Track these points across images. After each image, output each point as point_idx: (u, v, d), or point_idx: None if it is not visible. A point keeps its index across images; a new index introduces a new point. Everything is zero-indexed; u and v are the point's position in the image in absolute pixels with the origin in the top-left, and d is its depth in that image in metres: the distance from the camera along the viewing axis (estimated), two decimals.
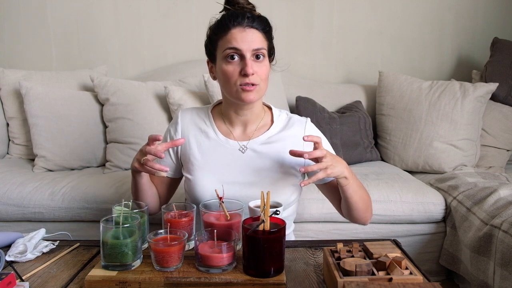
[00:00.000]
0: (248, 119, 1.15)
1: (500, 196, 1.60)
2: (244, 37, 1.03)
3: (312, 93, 2.32)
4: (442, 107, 2.13)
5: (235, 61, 1.04)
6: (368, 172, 1.99)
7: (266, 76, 1.07)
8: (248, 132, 1.16)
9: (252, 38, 1.04)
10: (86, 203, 1.70)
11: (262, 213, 0.87)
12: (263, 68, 1.06)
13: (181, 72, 2.39)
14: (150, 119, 2.08)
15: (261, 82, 1.06)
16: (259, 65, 1.05)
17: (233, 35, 1.04)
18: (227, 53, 1.04)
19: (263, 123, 1.17)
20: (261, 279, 0.84)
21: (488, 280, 1.44)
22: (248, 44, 1.03)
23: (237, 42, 1.03)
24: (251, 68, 1.02)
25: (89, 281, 0.85)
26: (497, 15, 2.67)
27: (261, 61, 1.06)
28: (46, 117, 2.01)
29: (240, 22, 1.04)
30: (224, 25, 1.06)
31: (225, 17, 1.06)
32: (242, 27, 1.04)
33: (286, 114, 1.20)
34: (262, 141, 1.14)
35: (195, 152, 1.14)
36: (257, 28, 1.05)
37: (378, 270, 0.79)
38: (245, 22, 1.04)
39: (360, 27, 2.64)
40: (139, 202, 1.04)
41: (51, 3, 2.49)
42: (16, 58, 2.52)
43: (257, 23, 1.05)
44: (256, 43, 1.04)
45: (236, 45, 1.03)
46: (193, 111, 1.21)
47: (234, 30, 1.04)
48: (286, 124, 1.18)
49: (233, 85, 1.05)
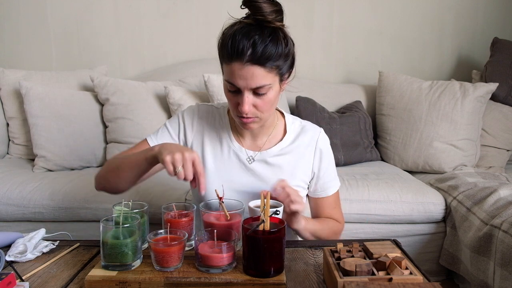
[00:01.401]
0: (258, 132, 1.12)
1: (500, 196, 1.60)
2: (244, 74, 0.94)
3: (312, 93, 2.32)
4: (442, 107, 2.13)
5: (235, 92, 0.99)
6: (368, 172, 1.99)
7: (268, 107, 1.01)
8: (258, 143, 1.14)
9: (252, 75, 0.94)
10: (86, 203, 1.70)
11: (262, 213, 0.87)
12: (265, 101, 0.99)
13: (181, 72, 2.40)
14: (150, 119, 2.08)
15: (262, 113, 1.01)
16: (260, 99, 0.98)
17: (232, 69, 0.95)
18: (227, 83, 0.99)
19: (275, 132, 1.14)
20: (261, 279, 0.84)
21: (488, 280, 1.44)
22: (247, 82, 0.95)
23: (235, 79, 0.96)
24: (246, 106, 0.97)
25: (89, 281, 0.85)
26: (497, 15, 2.67)
27: (263, 95, 0.98)
28: (46, 117, 2.01)
29: (241, 57, 0.93)
30: (226, 52, 0.96)
31: (228, 44, 0.95)
32: (242, 63, 0.93)
33: (300, 122, 1.18)
34: (275, 153, 1.13)
35: (208, 155, 1.12)
36: (260, 64, 0.94)
37: (378, 270, 0.79)
38: (246, 57, 0.93)
39: (360, 27, 2.64)
40: (139, 202, 1.03)
41: (51, 3, 2.49)
42: (16, 58, 2.52)
43: (261, 58, 0.93)
44: (256, 81, 0.95)
45: (234, 82, 0.96)
46: (211, 109, 1.17)
47: (234, 64, 0.95)
48: (299, 133, 1.15)
49: (232, 111, 1.03)
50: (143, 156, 1.00)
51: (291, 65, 1.02)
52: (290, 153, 1.13)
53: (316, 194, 1.17)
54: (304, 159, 1.14)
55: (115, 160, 1.09)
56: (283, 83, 1.03)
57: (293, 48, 1.01)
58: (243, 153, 1.12)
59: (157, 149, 0.96)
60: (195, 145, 1.14)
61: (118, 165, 1.06)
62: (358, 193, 1.75)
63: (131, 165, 1.03)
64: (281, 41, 0.96)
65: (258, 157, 1.12)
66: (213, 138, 1.14)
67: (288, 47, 0.98)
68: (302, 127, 1.17)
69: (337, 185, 1.19)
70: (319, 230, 1.11)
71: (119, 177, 1.05)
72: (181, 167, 0.91)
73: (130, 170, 1.03)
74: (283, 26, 0.98)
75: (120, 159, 1.08)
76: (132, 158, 1.03)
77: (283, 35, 0.98)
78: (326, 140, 1.18)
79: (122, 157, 1.09)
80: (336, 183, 1.19)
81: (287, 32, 1.00)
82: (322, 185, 1.16)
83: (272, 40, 0.95)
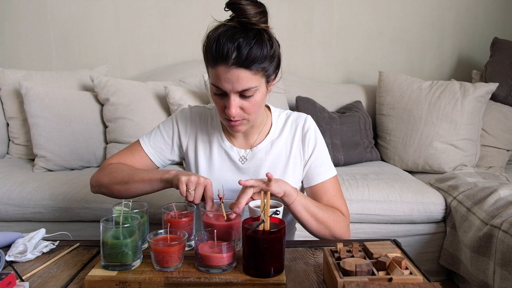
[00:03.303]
0: (249, 131, 1.13)
1: (500, 196, 1.60)
2: (229, 78, 0.94)
3: (312, 93, 2.32)
4: (442, 107, 2.13)
5: (221, 95, 0.99)
6: (368, 172, 1.99)
7: (256, 109, 1.01)
8: (250, 141, 1.14)
9: (238, 78, 0.94)
10: (86, 203, 1.70)
11: (262, 213, 0.87)
12: (252, 103, 0.99)
13: (181, 72, 2.40)
14: (150, 119, 2.08)
15: (249, 115, 1.01)
16: (247, 102, 0.99)
17: (218, 73, 0.95)
18: (213, 86, 0.99)
19: (265, 129, 1.15)
20: (261, 279, 0.84)
21: (488, 280, 1.44)
22: (232, 85, 0.95)
23: (221, 82, 0.95)
24: (233, 109, 0.97)
25: (89, 281, 0.85)
26: (497, 15, 2.67)
27: (249, 97, 0.98)
28: (46, 117, 2.01)
29: (225, 60, 0.93)
30: (210, 56, 0.96)
31: (213, 48, 0.95)
32: (227, 66, 0.93)
33: (286, 113, 1.19)
34: (264, 147, 1.14)
35: (201, 156, 1.14)
36: (245, 67, 0.94)
37: (378, 270, 0.79)
38: (231, 61, 0.93)
39: (360, 27, 2.64)
40: (139, 202, 1.03)
41: (51, 3, 2.49)
42: (16, 58, 2.52)
43: (247, 61, 0.93)
44: (242, 84, 0.95)
45: (220, 85, 0.96)
46: (203, 110, 1.18)
47: (219, 68, 0.94)
48: (284, 124, 1.16)
49: (220, 114, 1.03)
50: (158, 177, 1.04)
51: (277, 66, 1.02)
52: (279, 145, 1.13)
53: (311, 181, 1.14)
54: (293, 149, 1.13)
55: (122, 173, 1.09)
56: (269, 85, 1.03)
57: (278, 49, 1.01)
58: (234, 153, 1.13)
59: (174, 173, 1.01)
60: (189, 148, 1.16)
61: (127, 180, 1.07)
62: (358, 193, 1.75)
63: (143, 182, 1.06)
64: (266, 42, 0.96)
65: (250, 155, 1.13)
66: (205, 139, 1.15)
67: (274, 48, 0.98)
68: (287, 117, 1.17)
69: (332, 171, 1.15)
70: (314, 207, 1.06)
71: (127, 191, 1.08)
72: (193, 189, 0.96)
73: (141, 187, 1.06)
74: (267, 27, 0.99)
75: (128, 173, 1.08)
76: (144, 175, 1.06)
77: (268, 36, 0.98)
78: (313, 125, 1.16)
79: (129, 171, 1.09)
80: (331, 169, 1.15)
81: (272, 33, 1.00)
82: (314, 169, 1.14)
83: (257, 42, 0.94)
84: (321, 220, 1.06)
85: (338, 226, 1.08)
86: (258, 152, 1.13)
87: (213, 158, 1.14)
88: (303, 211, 1.04)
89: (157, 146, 1.16)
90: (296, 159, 1.14)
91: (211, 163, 1.14)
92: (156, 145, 1.16)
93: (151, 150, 1.15)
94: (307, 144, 1.14)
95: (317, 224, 1.06)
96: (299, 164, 1.14)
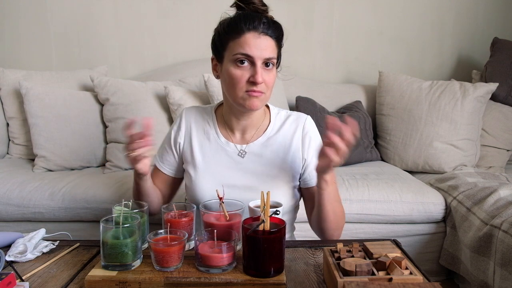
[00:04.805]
0: (248, 124, 1.14)
1: (500, 196, 1.60)
2: (258, 44, 0.99)
3: (312, 93, 2.32)
4: (442, 107, 2.13)
5: (245, 66, 1.01)
6: (368, 172, 1.99)
7: (272, 84, 1.05)
8: (247, 137, 1.15)
9: (266, 45, 1.00)
10: (86, 203, 1.70)
11: (262, 213, 0.87)
12: (271, 76, 1.03)
13: (181, 72, 2.40)
14: None
15: (267, 90, 1.04)
16: (268, 74, 1.02)
17: (246, 40, 0.99)
18: (238, 57, 1.00)
19: (263, 125, 1.16)
20: (261, 279, 0.84)
21: (488, 280, 1.44)
22: (261, 51, 0.99)
23: (250, 48, 0.99)
24: (261, 77, 1.00)
25: (89, 281, 0.85)
26: (497, 15, 2.67)
27: (270, 69, 1.03)
28: (46, 117, 2.01)
29: (256, 27, 0.99)
30: (238, 26, 1.00)
31: (240, 18, 1.01)
32: (258, 32, 1.00)
33: (285, 112, 1.19)
34: (261, 143, 1.14)
35: (197, 153, 1.15)
36: (271, 36, 1.01)
37: (378, 270, 0.79)
38: (261, 28, 1.00)
39: (360, 27, 2.64)
40: (139, 202, 1.03)
41: (51, 3, 2.49)
42: (16, 58, 2.52)
43: (272, 31, 1.01)
44: (269, 52, 1.01)
45: (248, 52, 0.99)
46: (198, 110, 1.20)
47: (248, 35, 0.99)
48: (283, 121, 1.16)
49: (239, 90, 1.02)
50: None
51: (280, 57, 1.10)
52: (277, 142, 1.14)
53: (309, 183, 1.14)
54: (292, 147, 1.13)
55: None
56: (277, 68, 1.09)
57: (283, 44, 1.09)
58: (231, 148, 1.14)
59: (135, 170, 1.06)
60: (185, 147, 1.17)
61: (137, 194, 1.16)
62: (358, 193, 1.75)
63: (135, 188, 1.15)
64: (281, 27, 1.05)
65: (247, 150, 1.13)
66: (201, 137, 1.16)
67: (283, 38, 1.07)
68: (287, 116, 1.18)
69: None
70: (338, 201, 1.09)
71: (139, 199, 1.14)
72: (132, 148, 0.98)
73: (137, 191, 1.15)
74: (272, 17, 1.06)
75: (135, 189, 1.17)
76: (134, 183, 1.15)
77: None
78: (314, 126, 1.17)
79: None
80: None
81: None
82: (313, 171, 1.13)
83: (276, 22, 1.04)
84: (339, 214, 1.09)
85: (342, 225, 1.13)
86: (255, 148, 1.13)
87: (209, 154, 1.14)
88: (332, 191, 1.05)
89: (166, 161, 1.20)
90: (295, 158, 1.14)
91: (208, 160, 1.14)
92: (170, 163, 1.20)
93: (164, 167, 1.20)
94: (307, 145, 1.14)
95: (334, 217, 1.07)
96: (297, 164, 1.14)
